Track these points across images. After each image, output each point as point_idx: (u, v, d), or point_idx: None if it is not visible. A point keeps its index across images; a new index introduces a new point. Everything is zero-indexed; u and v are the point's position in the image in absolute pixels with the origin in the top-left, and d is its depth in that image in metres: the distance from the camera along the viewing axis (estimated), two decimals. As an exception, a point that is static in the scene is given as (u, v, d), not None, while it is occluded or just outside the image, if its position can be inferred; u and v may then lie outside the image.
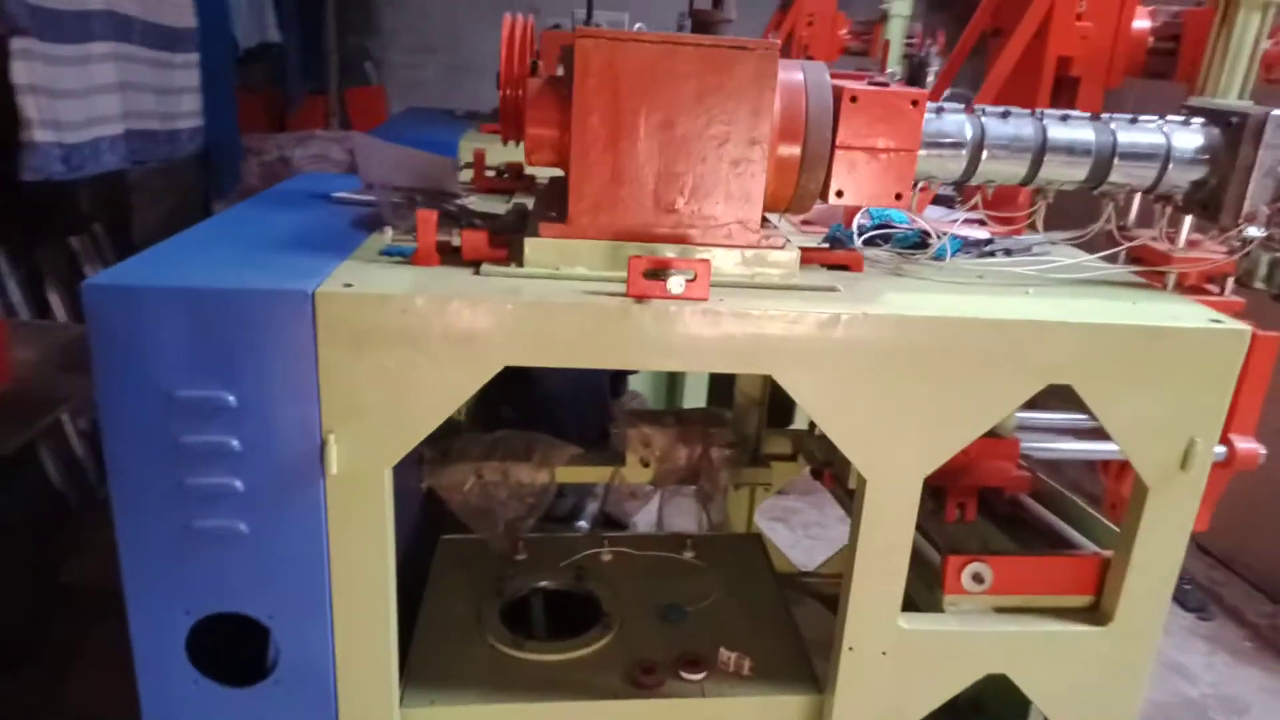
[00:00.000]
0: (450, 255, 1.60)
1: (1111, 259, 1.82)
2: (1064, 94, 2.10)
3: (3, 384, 2.46)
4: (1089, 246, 1.88)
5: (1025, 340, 1.52)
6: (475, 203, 2.11)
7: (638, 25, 4.04)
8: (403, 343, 1.44)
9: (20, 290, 3.30)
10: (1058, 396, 1.71)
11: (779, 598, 2.27)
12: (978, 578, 1.76)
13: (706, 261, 1.47)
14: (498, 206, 2.08)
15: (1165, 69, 2.14)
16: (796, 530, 4.01)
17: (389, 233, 1.61)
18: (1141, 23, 2.09)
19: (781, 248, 1.60)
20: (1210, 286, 1.85)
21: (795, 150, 1.56)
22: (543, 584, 2.25)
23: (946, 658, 1.75)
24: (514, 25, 1.79)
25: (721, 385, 4.04)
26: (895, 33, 4.26)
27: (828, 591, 2.71)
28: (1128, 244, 1.79)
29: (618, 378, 3.81)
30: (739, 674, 1.94)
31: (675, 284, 1.42)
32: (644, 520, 3.85)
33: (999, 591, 1.78)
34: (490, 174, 2.42)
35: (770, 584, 2.35)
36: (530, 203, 2.01)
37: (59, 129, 2.50)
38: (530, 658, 1.96)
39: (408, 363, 1.45)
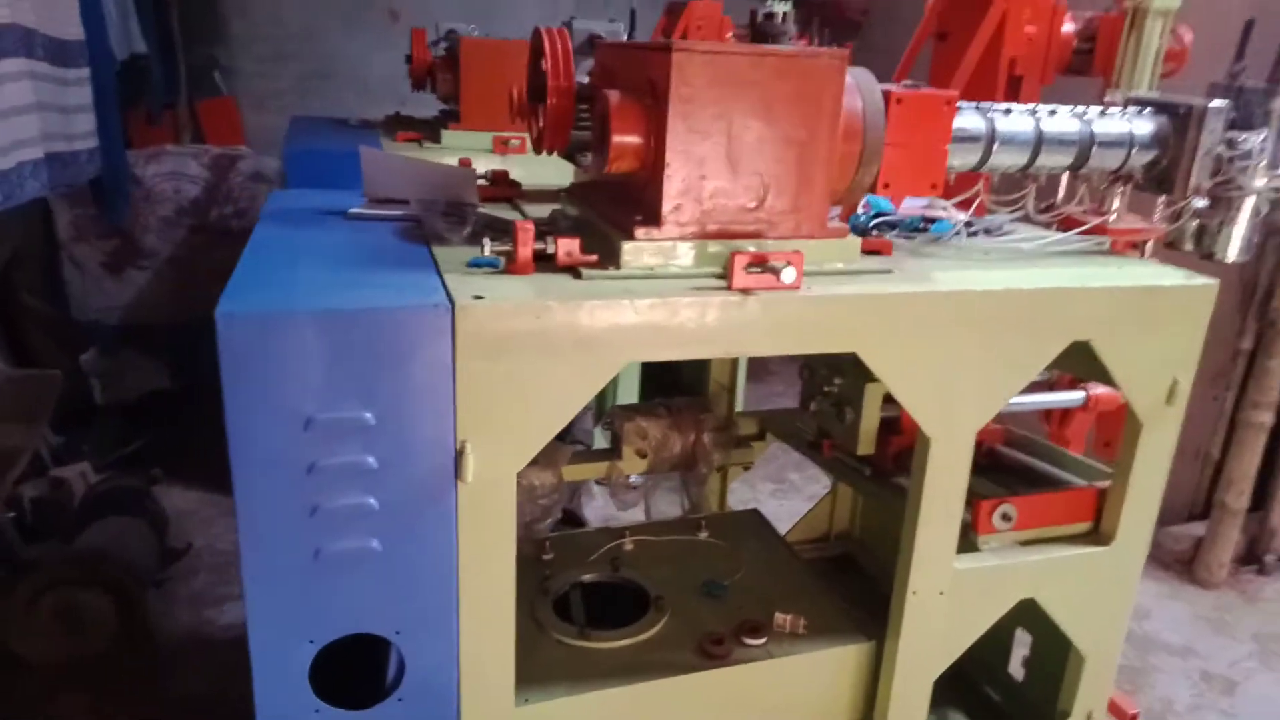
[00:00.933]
0: (542, 263, 1.65)
1: (1084, 232, 2.12)
2: (1012, 90, 2.40)
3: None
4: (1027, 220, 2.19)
5: (1057, 304, 1.78)
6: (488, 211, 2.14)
7: (471, 28, 4.09)
8: (535, 348, 1.49)
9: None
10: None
11: (800, 562, 2.45)
12: (1005, 516, 2.01)
13: (800, 253, 1.61)
14: (509, 213, 2.13)
15: (1084, 66, 2.49)
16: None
17: (488, 245, 1.63)
18: (1068, 26, 2.43)
19: (844, 237, 1.77)
20: (1133, 251, 2.20)
21: (855, 148, 1.73)
22: (585, 578, 2.31)
23: (989, 590, 1.99)
24: (553, 37, 1.86)
25: (651, 383, 4.20)
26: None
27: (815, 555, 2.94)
28: (1098, 219, 2.09)
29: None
30: (795, 633, 2.10)
31: (788, 275, 1.56)
32: (595, 515, 3.94)
33: (1021, 527, 2.04)
34: (481, 182, 2.44)
35: (786, 551, 2.53)
36: (565, 209, 2.07)
37: (-10, 156, 2.28)
38: (600, 646, 2.04)
39: (539, 367, 1.50)
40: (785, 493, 4.33)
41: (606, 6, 6.12)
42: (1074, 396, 2.48)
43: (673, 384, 4.52)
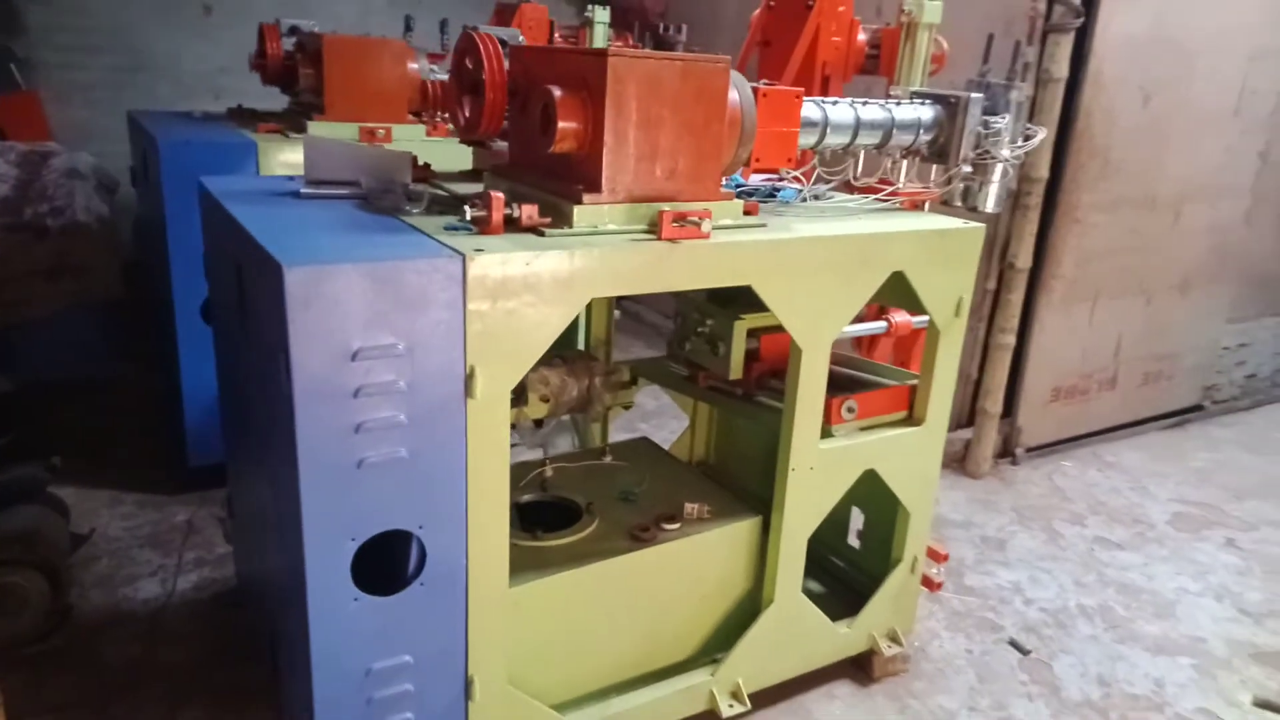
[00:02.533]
0: (508, 226, 2.07)
1: (888, 195, 2.80)
2: (823, 87, 3.06)
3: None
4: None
5: (883, 245, 2.42)
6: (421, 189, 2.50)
7: (311, 24, 4.39)
8: (525, 289, 1.92)
9: None
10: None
11: (691, 470, 3.00)
12: (850, 409, 2.66)
13: (709, 211, 2.14)
14: (436, 191, 2.49)
15: (874, 67, 3.19)
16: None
17: (468, 211, 2.02)
18: (861, 36, 3.11)
19: (731, 200, 2.32)
20: (916, 208, 2.92)
21: (736, 131, 2.27)
22: (524, 498, 2.74)
23: (844, 464, 2.63)
24: (486, 40, 2.27)
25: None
26: (599, 37, 5.06)
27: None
28: (893, 186, 2.77)
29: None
30: (701, 518, 2.65)
31: (707, 226, 2.08)
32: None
33: (861, 417, 2.69)
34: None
35: (677, 464, 3.07)
36: (496, 183, 2.47)
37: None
38: (553, 544, 2.49)
39: (527, 304, 1.93)
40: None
41: (417, 2, 6.35)
42: (879, 326, 3.19)
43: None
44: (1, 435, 3.69)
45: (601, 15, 4.99)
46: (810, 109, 2.48)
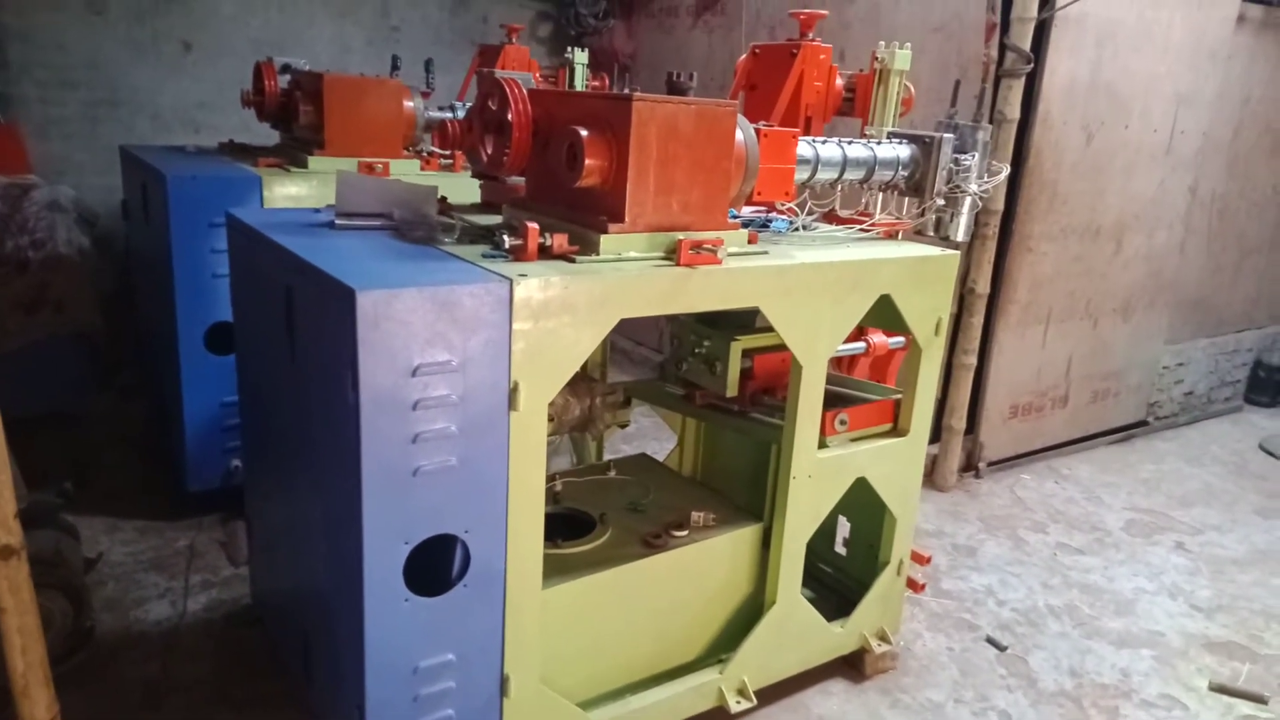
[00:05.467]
0: (541, 254, 2.26)
1: (870, 226, 3.05)
2: (806, 128, 3.32)
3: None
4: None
5: (873, 270, 2.66)
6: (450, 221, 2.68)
7: (303, 63, 4.58)
8: (563, 310, 2.10)
9: None
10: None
11: (691, 483, 3.19)
12: (842, 421, 2.88)
13: (722, 240, 2.36)
14: (457, 222, 2.67)
15: (849, 109, 3.47)
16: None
17: (506, 240, 2.21)
18: (839, 80, 3.39)
19: (738, 230, 2.54)
20: (891, 238, 3.19)
21: (741, 168, 2.50)
22: (539, 510, 2.89)
23: (838, 472, 2.84)
24: (513, 85, 2.48)
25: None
26: (579, 78, 5.31)
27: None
28: (872, 219, 3.03)
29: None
30: (708, 525, 2.84)
31: (722, 253, 2.30)
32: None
33: (852, 429, 2.92)
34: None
35: (677, 477, 3.26)
36: (516, 215, 2.65)
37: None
38: (573, 551, 2.65)
39: (565, 324, 2.12)
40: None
41: (393, 40, 6.55)
42: (858, 346, 3.43)
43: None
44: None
45: (581, 57, 5.23)
46: (804, 148, 2.72)
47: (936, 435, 4.84)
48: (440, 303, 1.93)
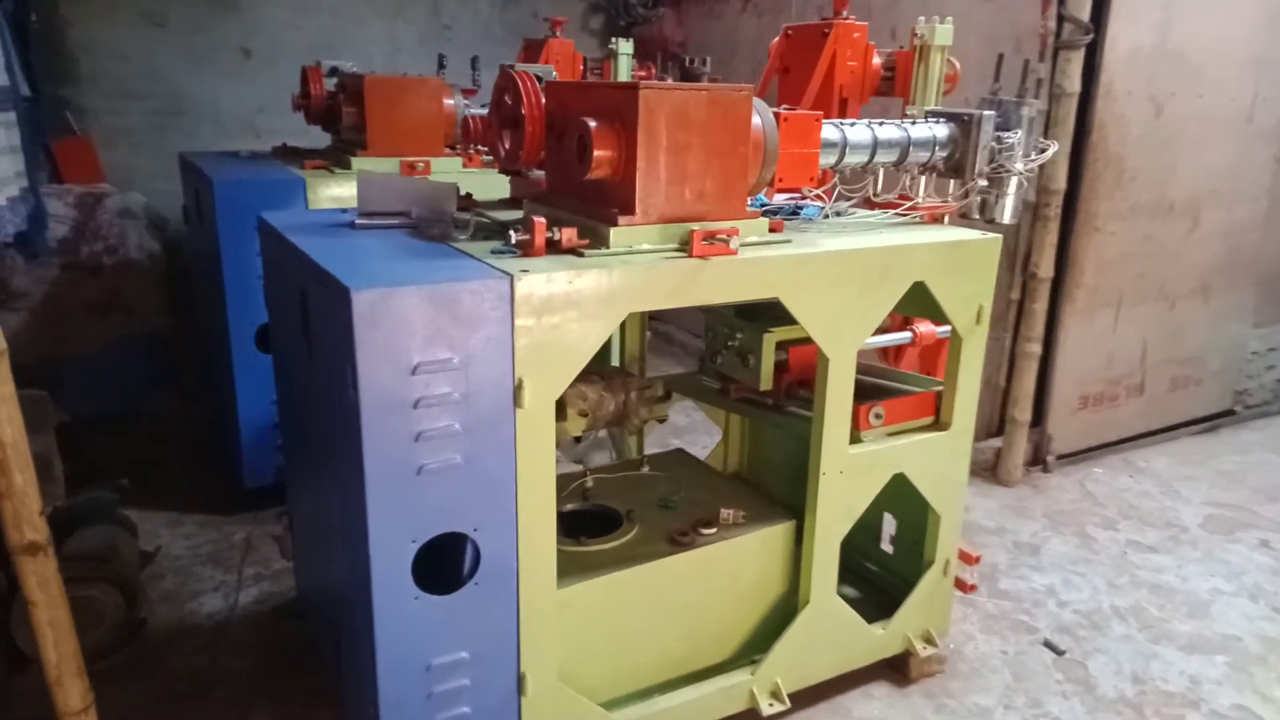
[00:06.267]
0: (550, 249, 2.22)
1: (906, 210, 2.92)
2: (841, 109, 3.19)
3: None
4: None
5: (903, 257, 2.54)
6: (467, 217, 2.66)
7: (350, 65, 4.61)
8: (568, 305, 2.06)
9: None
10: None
11: (725, 479, 3.12)
12: (878, 415, 2.77)
13: (736, 229, 2.28)
14: (479, 219, 2.65)
15: (889, 89, 3.33)
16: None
17: (512, 236, 2.18)
18: (876, 60, 3.25)
19: (757, 219, 2.45)
20: (936, 222, 3.04)
21: (759, 154, 2.42)
22: (567, 507, 2.87)
23: (873, 468, 2.73)
24: (525, 78, 2.44)
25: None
26: (624, 68, 5.26)
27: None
28: (911, 201, 2.90)
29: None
30: (737, 523, 2.77)
31: (734, 243, 2.22)
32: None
33: (888, 423, 2.80)
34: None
35: (712, 473, 3.19)
36: (535, 210, 2.62)
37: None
38: (597, 549, 2.62)
39: (571, 320, 2.08)
40: (672, 456, 5.01)
41: (445, 39, 6.61)
42: (904, 336, 3.30)
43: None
44: (64, 463, 3.91)
45: (625, 47, 5.18)
46: (829, 130, 2.62)
47: (1000, 427, 4.65)
48: (439, 300, 1.91)
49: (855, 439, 2.73)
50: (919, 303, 2.67)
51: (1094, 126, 4.14)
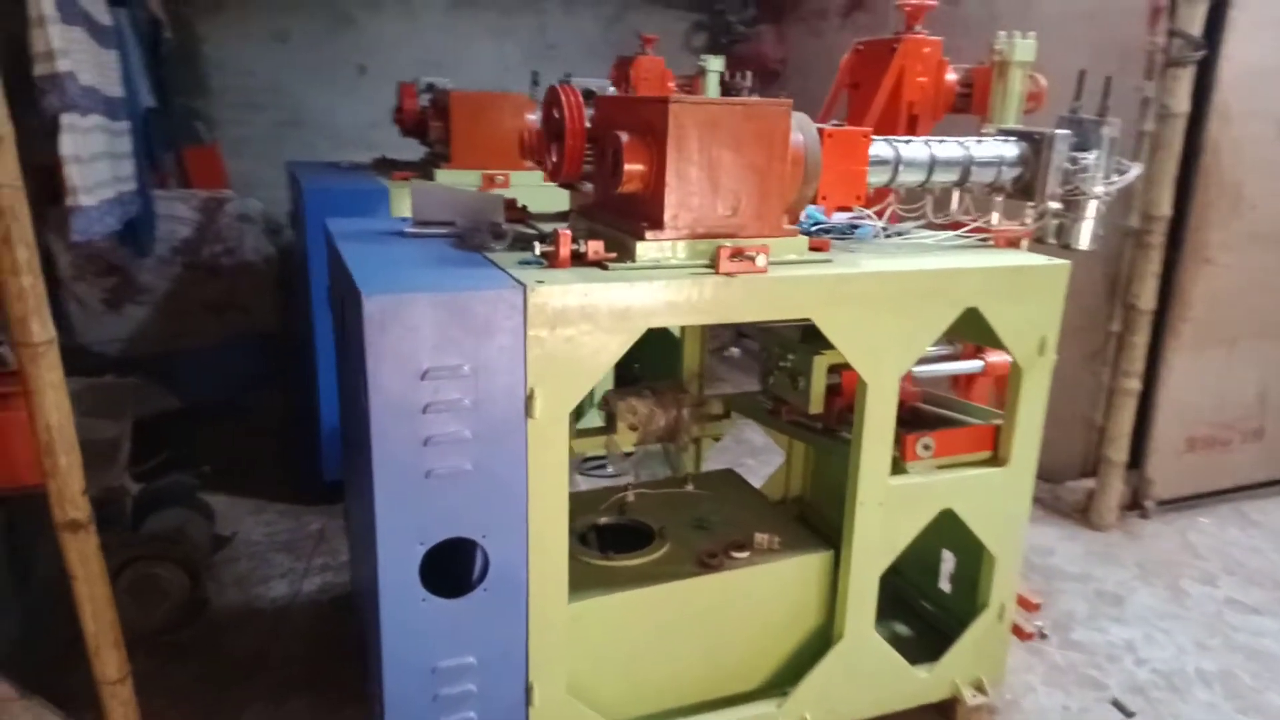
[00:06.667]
0: (575, 261, 2.22)
1: (967, 232, 2.78)
2: (911, 126, 3.07)
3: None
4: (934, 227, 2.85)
5: (951, 280, 2.42)
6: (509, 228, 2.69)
7: (447, 81, 4.67)
8: (583, 318, 2.06)
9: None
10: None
11: (770, 503, 3.04)
12: (926, 446, 2.63)
13: (766, 247, 2.22)
14: (527, 231, 2.68)
15: (965, 106, 3.18)
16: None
17: (537, 247, 2.20)
18: (951, 76, 3.11)
19: (795, 236, 2.39)
20: (1012, 247, 2.87)
21: (799, 170, 2.35)
22: (601, 520, 2.86)
23: (917, 502, 2.60)
24: (569, 92, 2.45)
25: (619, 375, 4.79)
26: (712, 86, 5.23)
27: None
28: (973, 224, 2.75)
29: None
30: (772, 549, 2.68)
31: (761, 260, 2.17)
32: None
33: (939, 455, 2.66)
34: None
35: (758, 497, 3.12)
36: (577, 223, 2.64)
37: (89, 193, 2.75)
38: (621, 565, 2.59)
39: (585, 332, 2.07)
40: (744, 473, 4.92)
41: (550, 57, 6.76)
42: (974, 365, 3.13)
43: (634, 377, 5.14)
44: (163, 449, 4.19)
45: (714, 64, 5.16)
46: (881, 147, 2.52)
47: (1095, 468, 4.35)
48: (451, 308, 1.94)
49: (900, 469, 2.61)
50: (991, 332, 2.53)
51: (1206, 149, 3.83)
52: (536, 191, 3.61)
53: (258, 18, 6.23)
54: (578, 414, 3.27)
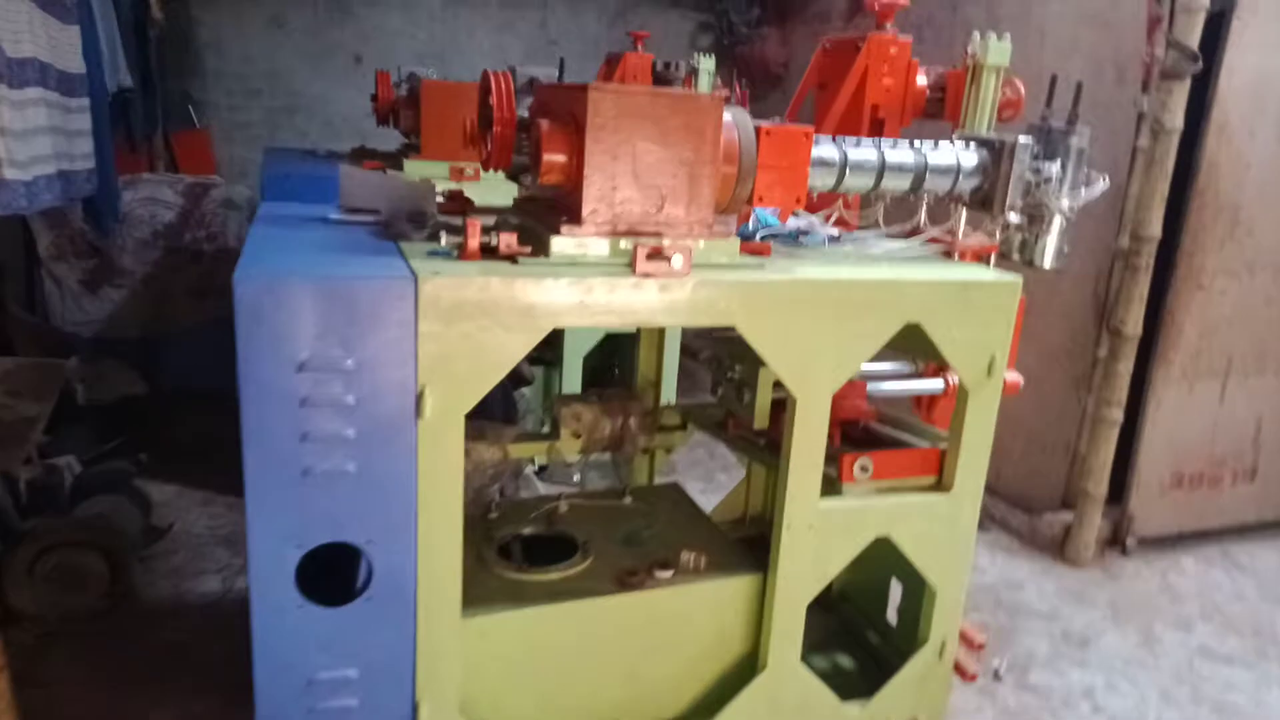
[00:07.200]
0: (487, 254, 2.09)
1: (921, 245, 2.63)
2: (875, 130, 2.92)
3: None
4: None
5: (892, 292, 2.27)
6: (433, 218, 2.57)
7: (429, 71, 4.58)
8: (481, 314, 1.93)
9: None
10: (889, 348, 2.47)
11: (711, 523, 2.89)
12: (864, 468, 2.48)
13: (689, 247, 2.08)
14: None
15: (937, 111, 3.02)
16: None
17: (444, 238, 2.08)
18: (921, 79, 2.96)
19: (726, 239, 2.24)
20: (978, 263, 2.71)
21: (733, 168, 2.21)
22: (525, 530, 2.73)
23: (850, 527, 2.45)
24: (500, 78, 2.33)
25: (592, 378, 4.67)
26: (704, 85, 5.09)
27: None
28: (928, 234, 2.60)
29: (517, 381, 4.28)
30: (698, 569, 2.53)
31: (677, 261, 2.03)
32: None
33: (878, 478, 2.50)
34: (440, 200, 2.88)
35: (699, 514, 2.97)
36: (509, 217, 2.52)
37: (20, 168, 2.66)
38: (535, 578, 2.45)
39: (484, 329, 1.94)
40: (712, 490, 4.77)
41: (551, 53, 6.65)
42: (935, 384, 2.97)
43: (610, 380, 5.00)
44: (117, 436, 4.11)
45: (706, 64, 5.01)
46: (825, 149, 2.37)
47: (1071, 501, 4.16)
48: (332, 296, 1.82)
49: (834, 491, 2.45)
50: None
51: (1202, 167, 3.64)
52: (506, 186, 3.49)
53: (256, 4, 6.18)
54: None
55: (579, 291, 2.00)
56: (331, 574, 2.06)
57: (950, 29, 4.13)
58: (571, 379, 4.52)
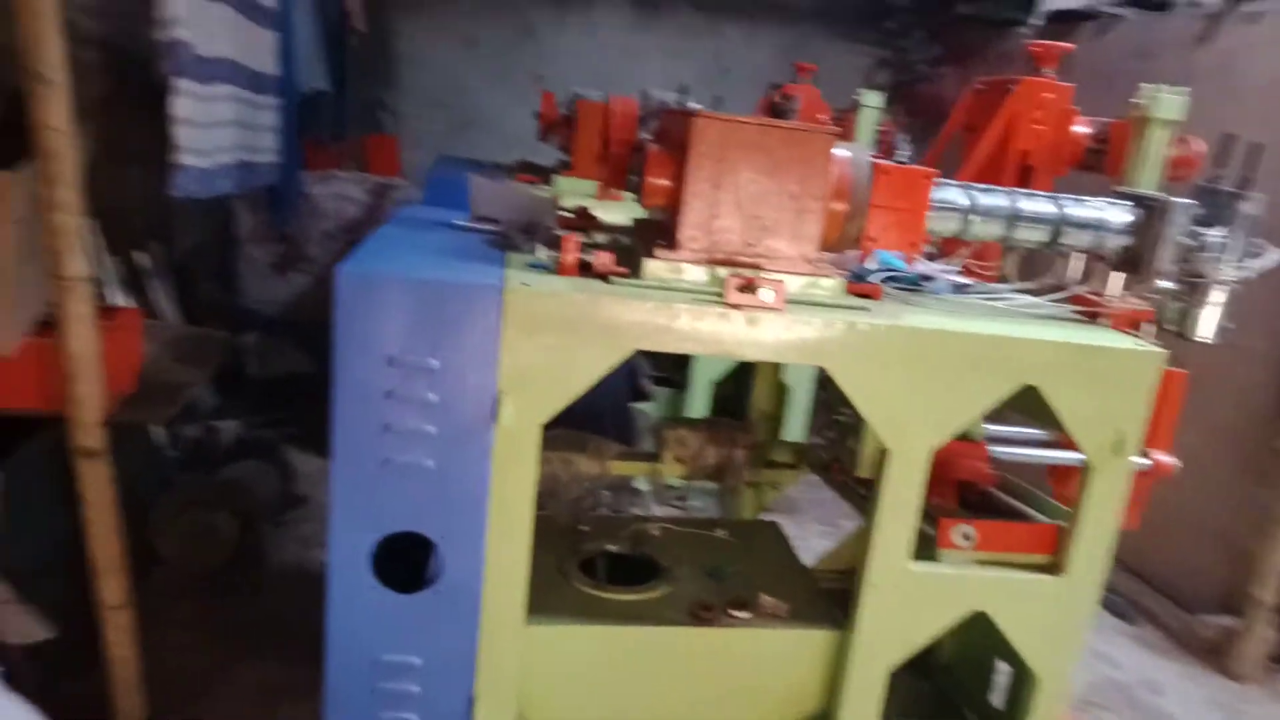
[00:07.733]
0: (584, 270, 2.13)
1: (1060, 302, 2.43)
2: (1023, 178, 2.75)
3: (137, 371, 2.87)
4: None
5: (1004, 350, 2.11)
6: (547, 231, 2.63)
7: (594, 92, 4.65)
8: (563, 328, 1.96)
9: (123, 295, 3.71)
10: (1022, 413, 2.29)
11: (803, 568, 2.79)
12: (966, 536, 2.32)
13: (781, 282, 2.03)
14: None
15: (1097, 164, 2.81)
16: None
17: (540, 251, 2.14)
18: (1080, 128, 2.76)
19: (830, 276, 2.17)
20: (1131, 329, 2.48)
21: (844, 206, 2.14)
22: (610, 548, 2.74)
23: (942, 596, 2.29)
24: (620, 103, 2.37)
25: (719, 409, 4.62)
26: (867, 120, 4.97)
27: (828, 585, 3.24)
28: (1069, 291, 2.40)
29: (637, 397, 4.32)
30: (777, 615, 2.45)
31: (765, 294, 1.98)
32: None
33: (982, 549, 2.33)
34: (564, 214, 2.96)
35: (791, 557, 2.88)
36: (620, 238, 2.55)
37: (199, 155, 2.98)
38: (610, 597, 2.45)
39: (565, 343, 1.97)
40: (833, 534, 4.61)
41: (724, 78, 6.70)
42: (1071, 456, 2.73)
43: (736, 410, 4.93)
44: (276, 409, 4.47)
45: (871, 99, 4.92)
46: (950, 192, 2.25)
47: (1233, 604, 3.72)
48: (422, 297, 1.91)
49: (929, 555, 2.31)
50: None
51: None
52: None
53: (452, 23, 6.60)
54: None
55: (664, 316, 1.99)
56: (410, 568, 2.15)
57: (1143, 80, 3.85)
58: (697, 404, 4.50)
